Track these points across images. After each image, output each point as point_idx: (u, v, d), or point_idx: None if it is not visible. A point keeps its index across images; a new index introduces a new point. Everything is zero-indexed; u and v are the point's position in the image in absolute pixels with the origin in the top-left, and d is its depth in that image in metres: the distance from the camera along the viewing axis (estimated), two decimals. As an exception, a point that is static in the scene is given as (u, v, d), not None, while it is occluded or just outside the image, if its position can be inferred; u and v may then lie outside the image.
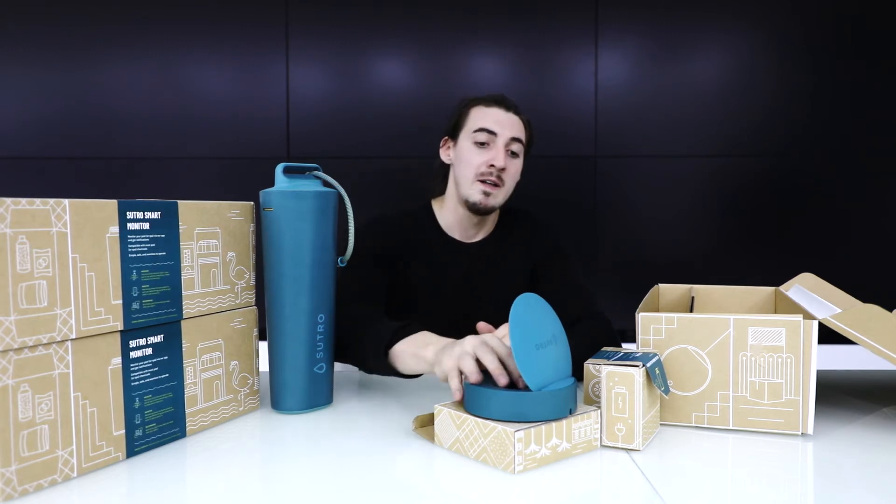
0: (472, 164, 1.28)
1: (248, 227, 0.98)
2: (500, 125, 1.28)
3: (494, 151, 1.27)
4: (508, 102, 1.32)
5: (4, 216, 0.68)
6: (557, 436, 0.81)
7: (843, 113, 2.14)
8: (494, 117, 1.29)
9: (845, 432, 0.91)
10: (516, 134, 1.29)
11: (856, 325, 0.87)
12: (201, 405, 0.91)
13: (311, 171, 1.02)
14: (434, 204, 1.39)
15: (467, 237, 1.36)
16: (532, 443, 0.78)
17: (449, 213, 1.36)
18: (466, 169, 1.29)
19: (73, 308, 0.74)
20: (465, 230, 1.35)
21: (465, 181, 1.29)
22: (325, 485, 0.73)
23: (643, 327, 0.93)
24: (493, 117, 1.29)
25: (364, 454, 0.83)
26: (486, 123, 1.28)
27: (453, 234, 1.36)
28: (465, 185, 1.29)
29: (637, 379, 0.83)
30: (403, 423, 0.94)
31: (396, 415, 0.98)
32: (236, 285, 0.96)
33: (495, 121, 1.28)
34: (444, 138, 1.38)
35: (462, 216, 1.34)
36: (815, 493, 0.72)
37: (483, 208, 1.29)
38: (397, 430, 0.92)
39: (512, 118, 1.30)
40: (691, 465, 0.79)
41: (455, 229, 1.36)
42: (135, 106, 2.15)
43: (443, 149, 1.38)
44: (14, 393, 0.69)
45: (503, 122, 1.28)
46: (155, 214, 0.84)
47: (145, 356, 0.83)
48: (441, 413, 0.86)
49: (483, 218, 1.35)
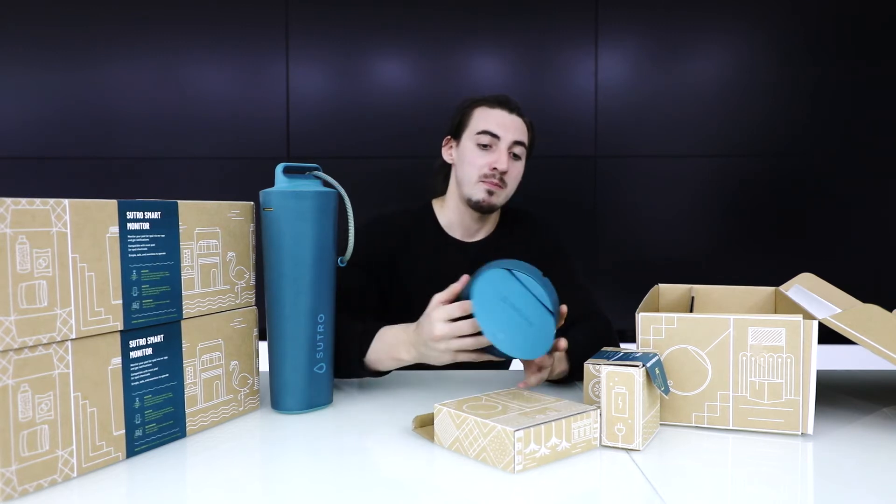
0: (474, 166, 1.29)
1: (248, 227, 0.98)
2: (504, 128, 1.28)
3: (497, 154, 1.28)
4: (512, 104, 1.32)
5: (4, 216, 0.68)
6: (557, 435, 0.80)
7: (844, 113, 2.14)
8: (498, 119, 1.29)
9: (845, 432, 0.91)
10: (519, 137, 1.29)
11: (856, 325, 0.87)
12: (201, 405, 0.91)
13: (311, 171, 1.02)
14: (434, 203, 1.40)
15: (468, 236, 1.36)
16: (532, 442, 0.78)
17: (450, 212, 1.36)
18: (469, 169, 1.29)
19: (73, 308, 0.74)
20: (466, 229, 1.36)
21: (468, 181, 1.30)
22: (325, 485, 0.73)
23: (643, 327, 0.93)
24: (496, 119, 1.29)
25: (364, 454, 0.83)
26: (490, 126, 1.28)
27: (454, 233, 1.36)
28: (467, 185, 1.30)
29: (637, 379, 0.83)
30: (403, 423, 0.94)
31: (396, 415, 0.98)
32: (236, 285, 0.96)
33: (498, 123, 1.28)
34: (446, 137, 1.38)
35: (463, 215, 1.34)
36: (815, 493, 0.72)
37: (486, 207, 1.29)
38: (397, 429, 0.92)
39: (515, 120, 1.30)
40: (691, 465, 0.79)
41: (456, 228, 1.36)
42: (135, 106, 2.15)
43: (445, 148, 1.38)
44: (14, 393, 0.69)
45: (506, 124, 1.29)
46: (155, 214, 0.84)
47: (145, 356, 0.83)
48: (441, 413, 0.86)
49: (484, 217, 1.35)
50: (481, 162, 1.28)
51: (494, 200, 1.29)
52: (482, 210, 1.31)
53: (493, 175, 1.27)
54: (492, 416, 0.81)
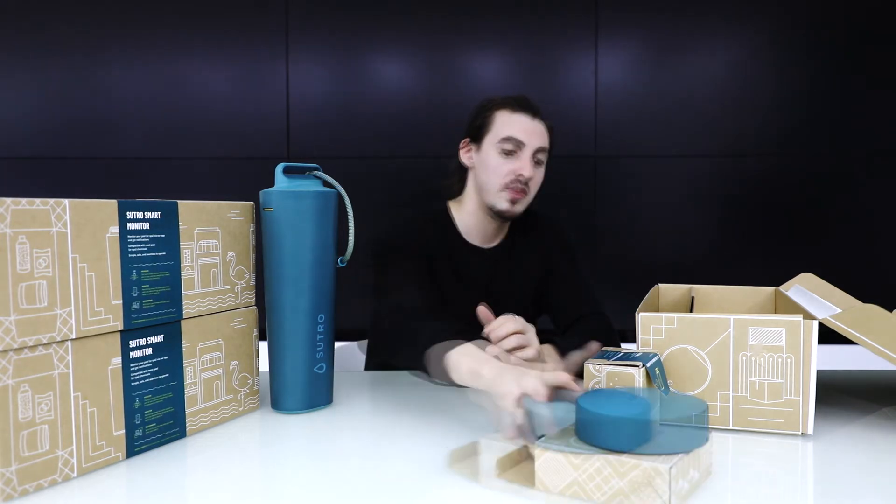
0: (498, 173, 1.25)
1: (248, 227, 0.98)
2: (528, 134, 1.25)
3: (522, 161, 1.25)
4: (534, 107, 1.28)
5: (4, 216, 0.68)
6: (694, 466, 0.71)
7: (843, 113, 2.14)
8: (522, 125, 1.26)
9: (845, 432, 0.91)
10: (543, 143, 1.27)
11: (856, 325, 0.87)
12: (201, 405, 0.91)
13: (311, 171, 1.02)
14: (451, 206, 1.36)
15: (485, 242, 1.34)
16: (680, 478, 0.67)
17: (468, 217, 1.33)
18: (493, 177, 1.26)
19: (73, 308, 0.74)
20: (485, 235, 1.33)
21: (491, 189, 1.27)
22: (324, 485, 0.73)
23: (643, 327, 0.93)
24: (520, 125, 1.26)
25: (364, 454, 0.83)
26: (514, 132, 1.25)
27: (472, 239, 1.33)
28: (490, 193, 1.27)
29: (637, 378, 0.83)
30: (403, 423, 0.94)
31: (396, 415, 0.98)
32: (236, 285, 0.96)
33: (522, 129, 1.25)
34: (464, 140, 1.34)
35: (482, 221, 1.32)
36: (815, 493, 0.72)
37: (509, 216, 1.28)
38: (397, 429, 0.92)
39: (538, 126, 1.27)
40: (691, 465, 0.79)
41: (474, 234, 1.33)
42: (135, 106, 2.15)
43: (463, 150, 1.34)
44: (14, 393, 0.69)
45: (530, 130, 1.26)
46: (155, 214, 0.84)
47: (145, 356, 0.83)
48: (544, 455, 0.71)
49: (503, 224, 1.34)
50: (506, 169, 1.25)
51: (518, 209, 1.27)
52: (504, 218, 1.30)
53: (517, 181, 1.25)
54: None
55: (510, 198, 1.25)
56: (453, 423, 0.94)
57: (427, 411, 1.00)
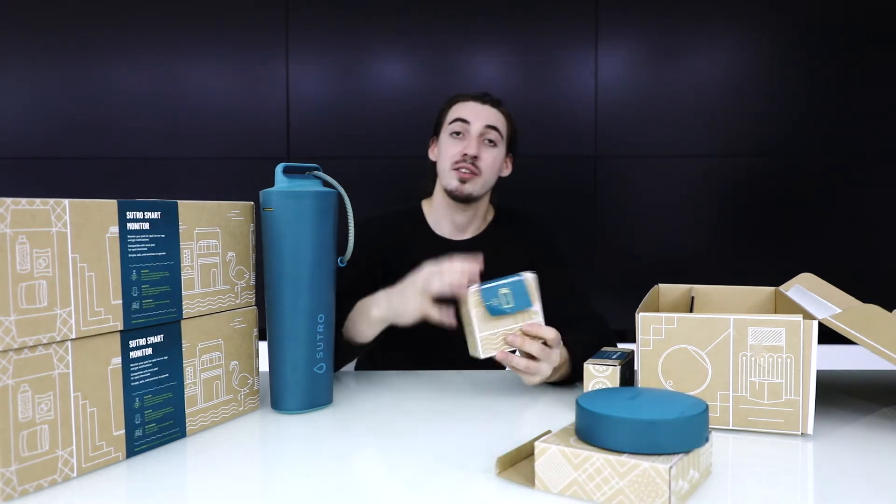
0: (447, 155, 1.32)
1: (248, 227, 0.98)
2: (475, 115, 1.32)
3: (468, 140, 1.31)
4: (488, 98, 1.35)
5: (4, 216, 0.68)
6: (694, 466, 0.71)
7: (843, 113, 2.14)
8: (470, 108, 1.33)
9: (845, 432, 0.91)
10: (491, 122, 1.32)
11: (856, 325, 0.87)
12: (201, 405, 0.91)
13: (311, 171, 1.02)
14: (424, 204, 1.42)
15: (456, 233, 1.37)
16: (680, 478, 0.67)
17: (436, 209, 1.38)
18: (444, 159, 1.33)
19: (73, 308, 0.74)
20: (454, 225, 1.37)
21: (444, 171, 1.33)
22: (325, 485, 0.73)
23: (643, 327, 0.93)
24: (468, 108, 1.33)
25: (364, 454, 0.83)
26: (461, 113, 1.32)
27: (442, 231, 1.37)
28: (444, 176, 1.33)
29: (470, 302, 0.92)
30: (403, 423, 0.94)
31: (396, 415, 0.98)
32: (236, 285, 0.96)
33: (470, 111, 1.32)
34: (431, 138, 1.42)
35: (446, 208, 1.36)
36: (815, 493, 0.72)
37: (460, 195, 1.31)
38: (397, 429, 0.92)
39: (488, 109, 1.33)
40: (691, 465, 0.79)
41: (443, 225, 1.37)
42: (135, 106, 2.15)
43: (430, 148, 1.42)
44: (14, 393, 0.69)
45: (478, 112, 1.32)
46: (155, 214, 0.84)
47: (145, 356, 0.83)
48: (547, 452, 0.71)
49: (468, 210, 1.35)
50: (454, 150, 1.31)
51: (468, 189, 1.30)
52: (457, 199, 1.32)
53: (464, 160, 1.29)
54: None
55: (459, 177, 1.30)
56: (453, 423, 0.94)
57: (427, 411, 1.00)
